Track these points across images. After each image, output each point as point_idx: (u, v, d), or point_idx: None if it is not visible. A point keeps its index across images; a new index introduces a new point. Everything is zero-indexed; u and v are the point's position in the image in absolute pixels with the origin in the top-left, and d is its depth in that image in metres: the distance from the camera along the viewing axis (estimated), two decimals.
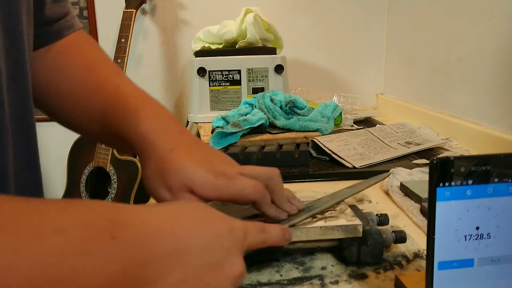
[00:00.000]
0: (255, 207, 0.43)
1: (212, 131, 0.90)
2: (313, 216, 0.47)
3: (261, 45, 1.21)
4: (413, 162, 0.81)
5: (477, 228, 0.32)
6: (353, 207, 0.50)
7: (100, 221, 0.28)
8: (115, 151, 1.45)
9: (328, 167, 0.80)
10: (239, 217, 0.42)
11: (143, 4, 1.48)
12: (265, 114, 0.94)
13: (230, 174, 0.41)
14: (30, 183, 0.45)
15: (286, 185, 0.46)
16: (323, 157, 0.84)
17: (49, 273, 0.24)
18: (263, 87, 1.15)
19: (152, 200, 0.48)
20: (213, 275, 0.31)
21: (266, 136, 0.89)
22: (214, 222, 0.33)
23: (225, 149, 0.82)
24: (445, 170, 0.31)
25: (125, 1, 1.45)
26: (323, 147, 0.84)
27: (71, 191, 1.51)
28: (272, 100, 0.98)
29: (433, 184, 0.31)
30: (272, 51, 1.20)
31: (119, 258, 0.27)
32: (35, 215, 0.26)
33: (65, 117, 0.53)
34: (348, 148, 0.85)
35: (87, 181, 1.49)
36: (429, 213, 0.32)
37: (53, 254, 0.25)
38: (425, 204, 0.56)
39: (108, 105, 0.47)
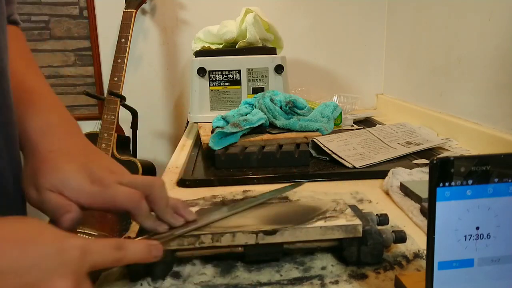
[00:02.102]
0: (132, 217, 0.42)
1: (212, 131, 0.90)
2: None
3: (261, 45, 1.21)
4: (413, 162, 0.81)
5: (477, 228, 0.32)
6: (353, 207, 0.50)
7: None
8: (115, 151, 1.45)
9: (328, 167, 0.80)
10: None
11: (143, 4, 1.48)
12: (265, 114, 0.94)
13: (107, 182, 0.41)
14: (12, 181, 0.44)
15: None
16: (323, 157, 0.84)
17: None
18: (263, 87, 1.15)
19: None
20: None
21: (266, 136, 0.89)
22: (40, 242, 0.31)
23: (225, 149, 0.82)
24: (445, 170, 0.31)
25: (125, 1, 1.45)
26: (323, 147, 0.84)
27: None
28: (272, 100, 0.97)
29: (433, 184, 0.31)
30: (272, 51, 1.20)
31: None
32: None
33: None
34: (348, 148, 0.85)
35: None
36: (429, 213, 0.32)
37: None
38: (425, 204, 0.56)
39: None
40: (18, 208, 0.45)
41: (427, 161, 0.80)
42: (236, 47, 1.19)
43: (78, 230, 1.22)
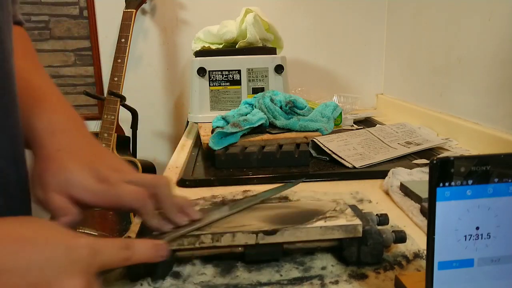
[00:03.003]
0: (138, 216, 0.42)
1: (212, 131, 0.90)
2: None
3: (261, 45, 1.21)
4: (413, 162, 0.81)
5: (477, 228, 0.32)
6: (353, 207, 0.50)
7: None
8: (115, 151, 1.45)
9: (328, 167, 0.80)
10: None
11: (143, 4, 1.48)
12: (265, 114, 0.94)
13: (113, 180, 0.40)
14: (16, 181, 0.45)
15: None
16: (323, 157, 0.84)
17: None
18: (263, 87, 1.15)
19: None
20: None
21: (266, 136, 0.89)
22: (49, 241, 0.31)
23: (225, 149, 0.82)
24: (445, 170, 0.31)
25: (125, 1, 1.45)
26: (323, 147, 0.84)
27: None
28: (272, 100, 0.97)
29: (433, 184, 0.31)
30: (272, 51, 1.20)
31: None
32: None
33: None
34: (348, 148, 0.85)
35: None
36: (429, 213, 0.32)
37: None
38: (425, 204, 0.56)
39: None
40: (23, 209, 0.45)
41: (427, 161, 0.80)
42: (236, 47, 1.19)
43: (78, 230, 1.22)
